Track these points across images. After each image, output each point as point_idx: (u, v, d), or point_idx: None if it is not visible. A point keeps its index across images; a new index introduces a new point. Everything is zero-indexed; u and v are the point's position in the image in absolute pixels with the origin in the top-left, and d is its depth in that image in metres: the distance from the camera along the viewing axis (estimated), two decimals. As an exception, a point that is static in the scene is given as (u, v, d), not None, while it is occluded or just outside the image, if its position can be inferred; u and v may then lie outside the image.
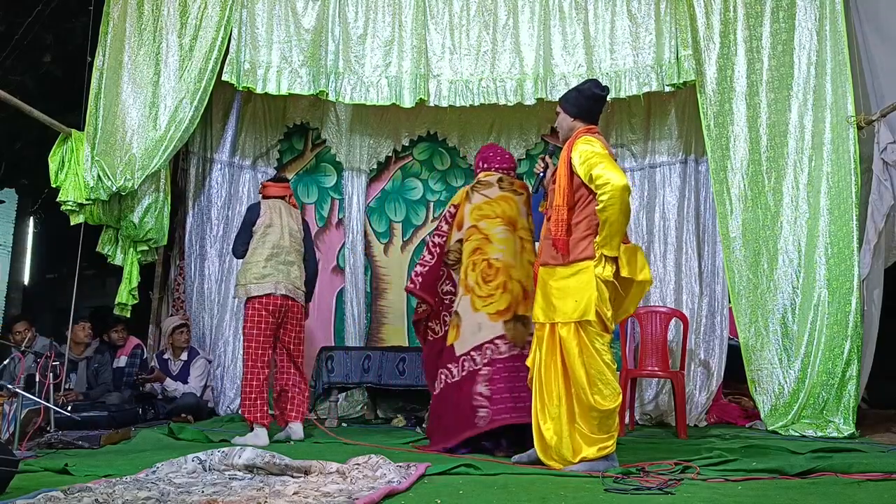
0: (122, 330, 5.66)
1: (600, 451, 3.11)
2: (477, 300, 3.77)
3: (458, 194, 4.09)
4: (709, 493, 2.62)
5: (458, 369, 3.76)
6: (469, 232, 3.91)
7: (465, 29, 5.33)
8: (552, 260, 3.30)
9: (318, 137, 6.37)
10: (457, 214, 4.00)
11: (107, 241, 5.36)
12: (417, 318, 4.11)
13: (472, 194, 3.98)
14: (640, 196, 5.79)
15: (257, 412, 4.21)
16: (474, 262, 3.83)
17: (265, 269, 4.36)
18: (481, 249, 3.83)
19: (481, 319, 3.75)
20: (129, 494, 2.41)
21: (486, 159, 4.10)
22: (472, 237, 3.89)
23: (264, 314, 4.32)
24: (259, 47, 5.30)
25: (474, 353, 3.73)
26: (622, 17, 5.18)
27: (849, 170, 4.63)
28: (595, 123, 3.43)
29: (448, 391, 3.79)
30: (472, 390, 3.68)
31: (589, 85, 3.46)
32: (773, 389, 4.75)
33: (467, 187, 4.05)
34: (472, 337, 3.75)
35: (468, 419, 3.66)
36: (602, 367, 3.13)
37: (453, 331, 3.85)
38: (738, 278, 4.88)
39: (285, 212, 4.57)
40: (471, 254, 3.86)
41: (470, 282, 3.81)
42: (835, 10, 4.83)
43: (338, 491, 2.54)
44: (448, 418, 3.77)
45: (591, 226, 3.23)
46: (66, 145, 5.13)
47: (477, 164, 4.16)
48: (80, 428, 4.18)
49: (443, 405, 3.83)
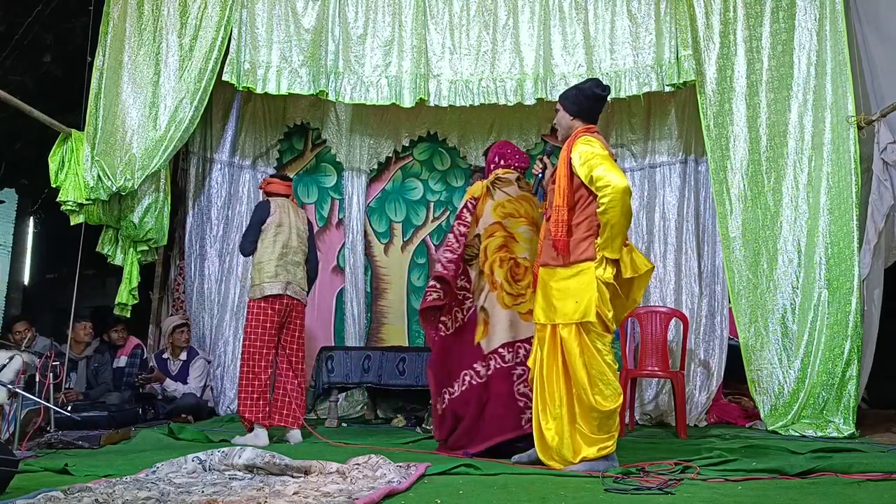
0: (121, 330, 5.67)
1: (600, 452, 3.11)
2: (507, 297, 3.68)
3: (476, 188, 3.93)
4: (709, 493, 2.62)
5: (485, 368, 3.65)
6: (493, 228, 3.79)
7: (465, 29, 5.33)
8: (552, 261, 3.29)
9: (318, 137, 6.38)
10: (476, 207, 3.87)
11: (107, 241, 5.36)
12: (428, 305, 3.82)
13: (493, 190, 3.86)
14: (640, 196, 5.79)
15: (259, 412, 4.20)
16: (501, 259, 3.73)
17: (276, 268, 4.34)
18: (508, 247, 3.74)
19: (513, 318, 3.67)
20: (129, 494, 2.41)
21: (503, 156, 3.99)
22: (496, 234, 3.77)
23: (270, 313, 4.30)
24: (259, 47, 5.30)
25: (503, 350, 3.63)
26: (622, 17, 5.18)
27: (849, 170, 4.63)
28: (594, 123, 3.41)
29: (473, 392, 3.65)
30: (510, 390, 3.58)
31: (590, 84, 3.44)
32: (773, 389, 4.75)
33: (485, 181, 3.91)
34: (502, 333, 3.64)
35: (509, 420, 3.55)
36: (603, 368, 3.13)
37: (480, 328, 3.71)
38: (737, 278, 4.88)
39: (293, 211, 4.55)
40: (496, 250, 3.75)
41: (498, 278, 3.70)
42: (835, 11, 4.83)
43: (338, 491, 2.54)
44: (474, 420, 3.62)
45: (591, 227, 3.22)
46: (66, 145, 5.13)
47: (492, 160, 4.03)
48: (80, 428, 4.18)
49: (466, 407, 3.65)
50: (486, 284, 3.74)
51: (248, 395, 4.23)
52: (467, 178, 6.27)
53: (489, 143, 6.19)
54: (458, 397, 3.71)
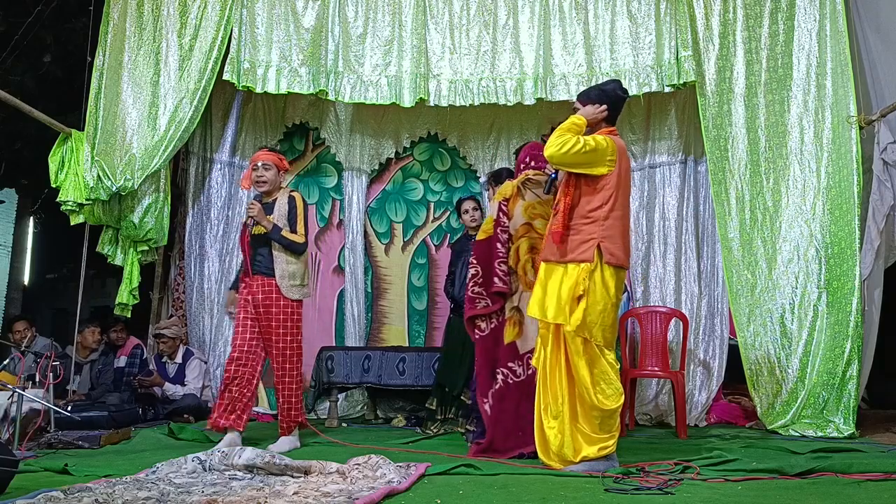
0: (121, 330, 5.67)
1: (601, 451, 3.12)
2: None
3: (507, 187, 3.92)
4: (709, 493, 2.62)
5: (524, 368, 3.63)
6: (523, 229, 3.77)
7: (465, 29, 5.33)
8: (552, 256, 3.30)
9: (318, 138, 6.37)
10: (508, 208, 3.85)
11: (107, 241, 5.36)
12: (476, 314, 3.82)
13: (524, 191, 3.84)
14: (640, 196, 5.79)
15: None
16: (533, 260, 3.71)
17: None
18: (537, 248, 3.71)
19: None
20: (129, 494, 2.41)
21: (535, 158, 3.94)
22: (526, 234, 3.76)
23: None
24: (259, 47, 5.30)
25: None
26: (622, 17, 5.18)
27: (850, 170, 4.63)
28: (614, 124, 3.44)
29: (512, 391, 3.63)
30: None
31: (613, 86, 3.46)
32: (772, 389, 4.75)
33: (516, 182, 3.89)
34: (537, 333, 3.58)
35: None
36: (605, 367, 3.14)
37: (514, 328, 3.70)
38: (736, 278, 4.88)
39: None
40: (528, 251, 3.74)
41: (531, 278, 3.67)
42: (835, 11, 4.83)
43: (338, 491, 2.54)
44: (514, 421, 3.59)
45: (595, 229, 3.22)
46: (66, 145, 5.13)
47: (522, 160, 3.99)
48: (80, 428, 4.17)
49: (505, 406, 3.62)
50: (519, 285, 3.74)
51: (300, 398, 4.12)
52: (467, 179, 6.27)
53: (489, 143, 6.23)
54: (495, 395, 3.68)
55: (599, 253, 3.20)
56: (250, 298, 4.06)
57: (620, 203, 3.30)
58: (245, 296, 4.08)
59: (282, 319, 4.03)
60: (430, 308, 6.16)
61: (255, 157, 4.18)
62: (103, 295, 11.33)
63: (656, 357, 5.02)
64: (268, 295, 4.02)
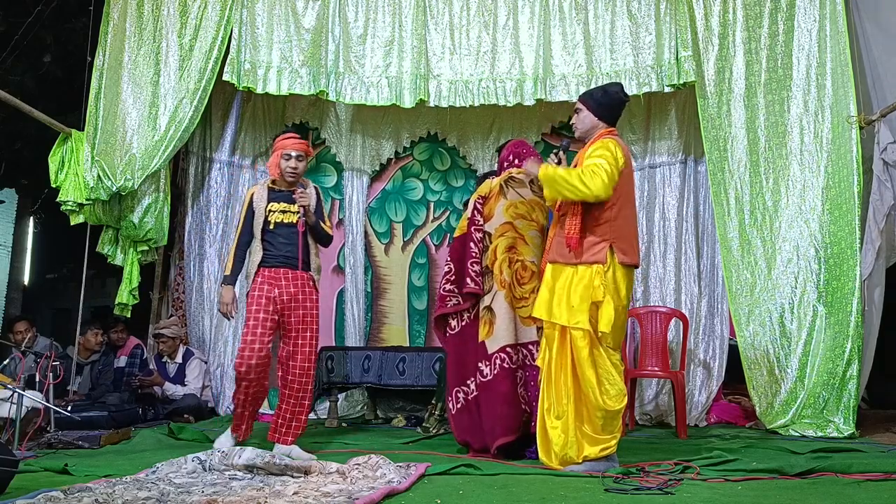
0: (121, 330, 5.67)
1: (602, 452, 3.12)
2: (514, 299, 3.65)
3: (487, 185, 3.86)
4: (709, 493, 2.62)
5: (490, 367, 3.60)
6: (503, 228, 3.73)
7: (465, 29, 5.33)
8: (561, 258, 3.28)
9: (318, 137, 6.37)
10: (485, 206, 3.80)
11: (107, 241, 5.36)
12: (446, 312, 3.79)
13: (506, 189, 3.79)
14: (640, 196, 5.78)
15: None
16: (510, 260, 3.68)
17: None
18: (516, 249, 3.70)
19: (518, 320, 3.64)
20: (129, 494, 2.41)
21: (518, 155, 3.90)
22: (505, 233, 3.72)
23: None
24: (259, 47, 5.30)
25: (510, 350, 3.59)
26: (622, 17, 5.18)
27: (850, 170, 4.63)
28: (615, 125, 3.44)
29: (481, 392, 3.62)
30: (514, 391, 3.56)
31: (616, 89, 3.47)
32: (771, 389, 4.75)
33: (498, 179, 3.84)
34: (507, 334, 3.60)
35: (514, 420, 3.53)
36: (609, 368, 3.14)
37: (485, 327, 3.67)
38: (735, 278, 4.88)
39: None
40: (506, 250, 3.70)
41: (506, 278, 3.65)
42: (835, 11, 4.83)
43: (338, 491, 2.54)
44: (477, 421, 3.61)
45: (607, 230, 3.22)
46: (66, 145, 5.14)
47: (506, 158, 3.95)
48: (80, 428, 4.18)
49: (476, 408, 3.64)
50: (493, 284, 3.70)
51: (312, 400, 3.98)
52: (467, 178, 6.27)
53: (489, 143, 6.22)
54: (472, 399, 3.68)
55: (612, 253, 3.20)
56: (275, 294, 3.77)
57: (629, 202, 3.31)
58: (266, 293, 3.76)
59: (315, 314, 3.88)
60: (430, 308, 6.15)
61: (286, 145, 3.89)
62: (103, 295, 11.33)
63: (656, 357, 5.02)
64: (301, 289, 3.83)
